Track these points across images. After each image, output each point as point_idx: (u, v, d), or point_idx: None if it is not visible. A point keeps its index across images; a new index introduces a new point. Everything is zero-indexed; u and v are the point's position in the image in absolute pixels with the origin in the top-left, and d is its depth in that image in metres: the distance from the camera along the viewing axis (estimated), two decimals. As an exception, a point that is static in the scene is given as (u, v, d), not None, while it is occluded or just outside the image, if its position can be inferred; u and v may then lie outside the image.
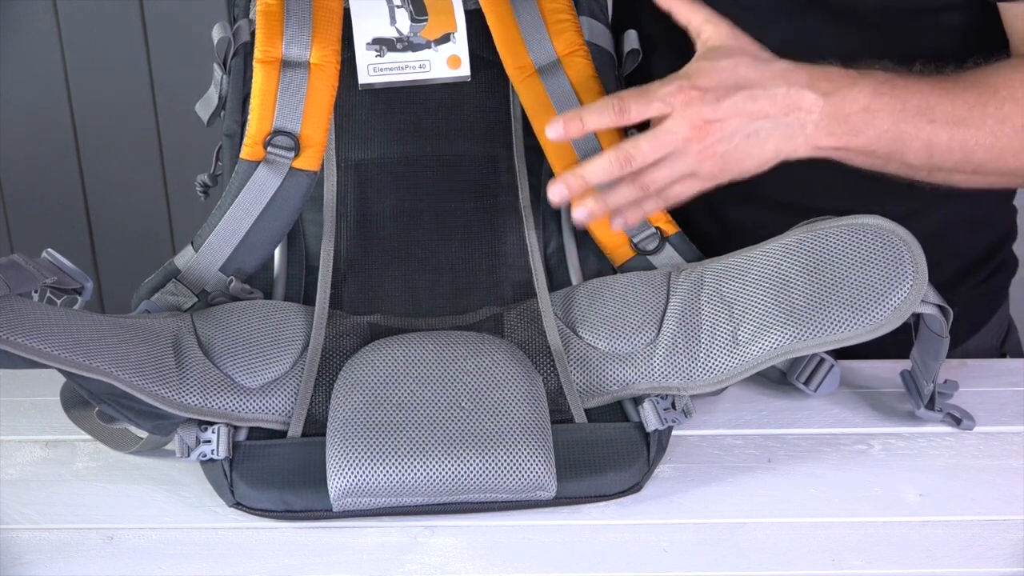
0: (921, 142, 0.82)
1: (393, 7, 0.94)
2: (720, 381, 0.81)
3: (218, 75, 0.94)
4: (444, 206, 0.95)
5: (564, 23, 0.94)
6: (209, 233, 0.89)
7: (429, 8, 0.94)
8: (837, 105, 0.80)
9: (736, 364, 0.80)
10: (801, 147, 0.81)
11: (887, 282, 0.77)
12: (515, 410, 0.78)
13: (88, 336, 0.76)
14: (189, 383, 0.79)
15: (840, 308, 0.78)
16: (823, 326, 0.78)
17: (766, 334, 0.79)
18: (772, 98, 0.80)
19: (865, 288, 0.78)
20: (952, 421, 0.85)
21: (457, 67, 0.95)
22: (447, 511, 0.77)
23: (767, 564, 0.73)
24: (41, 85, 1.96)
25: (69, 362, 0.73)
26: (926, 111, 0.81)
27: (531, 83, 0.93)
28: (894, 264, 0.78)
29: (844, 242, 0.80)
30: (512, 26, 0.94)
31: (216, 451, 0.78)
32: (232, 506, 0.78)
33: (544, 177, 0.94)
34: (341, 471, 0.75)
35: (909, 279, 0.77)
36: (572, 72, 0.93)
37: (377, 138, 0.95)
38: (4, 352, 0.71)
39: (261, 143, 0.89)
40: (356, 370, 0.82)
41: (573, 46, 0.93)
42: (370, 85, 0.95)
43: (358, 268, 0.93)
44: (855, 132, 0.81)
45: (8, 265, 0.78)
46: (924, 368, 0.83)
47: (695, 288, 0.85)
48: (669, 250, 0.91)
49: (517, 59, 0.94)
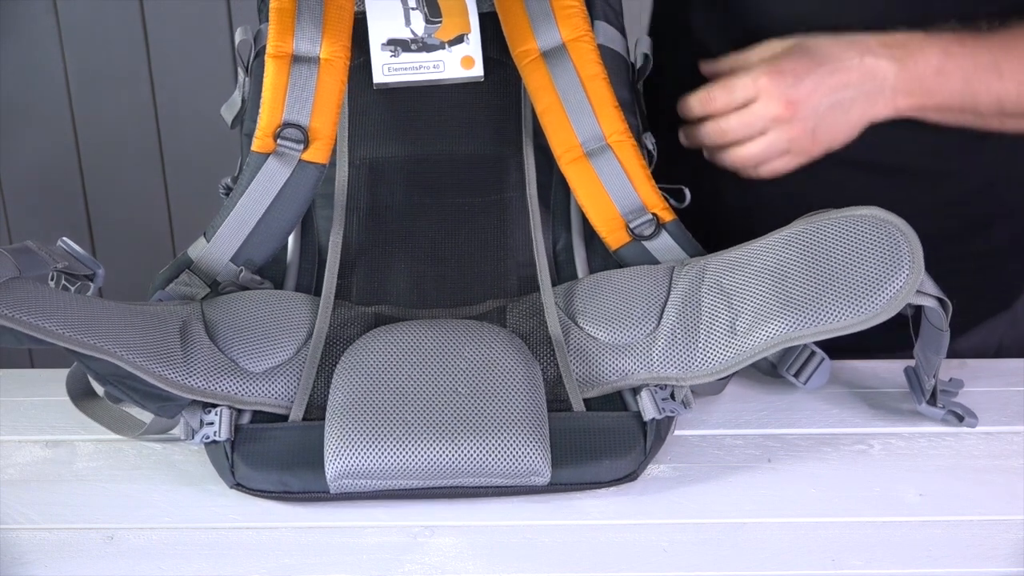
0: (992, 96, 0.86)
1: (408, 9, 0.96)
2: (718, 371, 0.81)
3: (241, 78, 0.97)
4: (452, 201, 0.96)
5: (571, 10, 0.95)
6: (220, 224, 0.91)
7: (443, 10, 0.96)
8: (911, 69, 0.85)
9: (733, 354, 0.80)
10: (882, 110, 0.86)
11: (883, 272, 0.77)
12: (512, 396, 0.79)
13: (94, 317, 0.77)
14: (194, 366, 0.81)
15: (836, 298, 0.78)
16: (819, 316, 0.78)
17: (763, 324, 0.79)
18: (848, 70, 0.85)
19: (861, 278, 0.78)
20: (954, 419, 0.85)
21: (471, 68, 0.96)
22: (442, 495, 0.78)
23: (767, 564, 0.73)
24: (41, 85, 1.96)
25: (73, 341, 0.75)
26: (994, 68, 0.86)
27: (535, 66, 0.94)
28: (890, 254, 0.78)
29: (842, 233, 0.80)
30: (521, 13, 0.95)
31: (218, 432, 0.80)
32: (232, 487, 0.79)
33: (555, 176, 0.95)
34: (338, 453, 0.76)
35: (905, 269, 0.77)
36: (577, 57, 0.93)
37: (390, 136, 0.97)
38: (10, 330, 0.73)
39: (271, 135, 0.91)
40: (357, 355, 0.83)
41: (579, 31, 0.94)
42: (384, 85, 0.96)
43: (365, 259, 0.95)
44: (930, 93, 0.85)
45: (21, 250, 0.80)
46: (926, 363, 0.83)
47: (696, 281, 0.86)
48: (665, 237, 0.91)
49: (523, 43, 0.95)
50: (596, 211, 0.92)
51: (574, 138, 0.92)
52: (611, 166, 0.91)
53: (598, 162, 0.92)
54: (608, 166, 0.91)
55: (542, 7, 0.94)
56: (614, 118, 0.92)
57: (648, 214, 0.91)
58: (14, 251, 0.79)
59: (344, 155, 0.95)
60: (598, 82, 0.93)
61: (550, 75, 0.93)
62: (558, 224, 0.96)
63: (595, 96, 0.92)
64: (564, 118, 0.92)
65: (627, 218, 0.91)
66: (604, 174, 0.91)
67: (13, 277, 0.76)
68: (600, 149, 0.92)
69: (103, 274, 0.86)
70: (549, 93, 0.93)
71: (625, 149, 0.92)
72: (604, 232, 0.92)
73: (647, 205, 0.91)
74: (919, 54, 0.85)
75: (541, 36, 0.94)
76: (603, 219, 0.92)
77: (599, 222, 0.92)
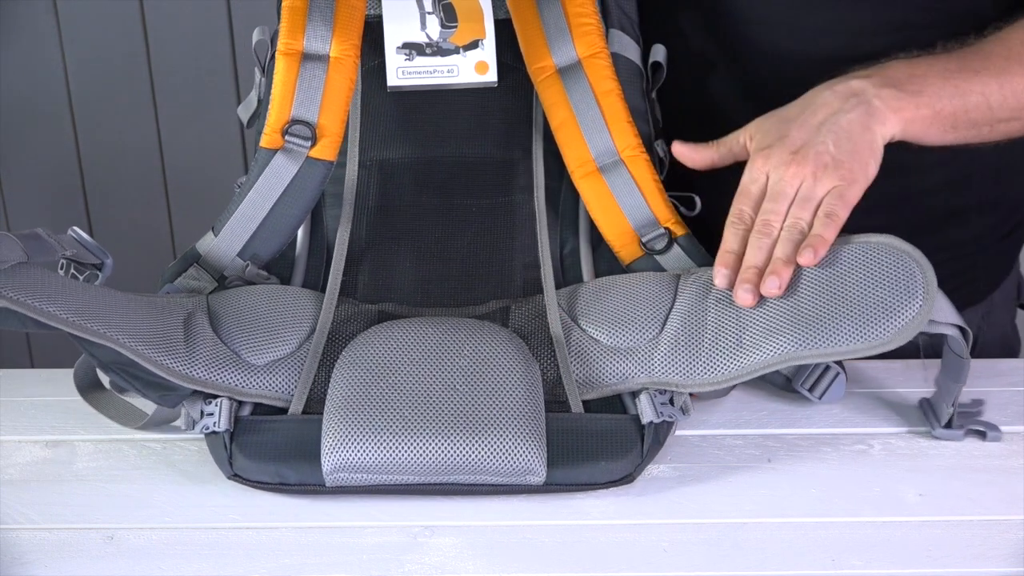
0: (976, 93, 0.85)
1: (424, 13, 0.97)
2: (720, 382, 0.81)
3: (258, 78, 0.98)
4: (460, 202, 0.97)
5: (587, 27, 0.95)
6: (228, 218, 0.92)
7: (459, 15, 0.97)
8: (885, 76, 0.84)
9: (738, 366, 0.80)
10: (889, 120, 0.83)
11: (897, 300, 0.77)
12: (509, 394, 0.79)
13: (99, 305, 0.78)
14: (196, 357, 0.81)
15: (848, 322, 0.77)
16: (829, 338, 0.77)
17: (771, 340, 0.79)
18: (825, 103, 0.84)
19: (873, 304, 0.77)
20: (977, 436, 0.85)
21: (484, 73, 0.97)
22: (438, 492, 0.78)
23: (767, 564, 0.73)
24: (41, 85, 1.96)
25: (76, 326, 0.76)
26: (967, 66, 0.85)
27: (551, 83, 0.95)
28: (905, 283, 0.78)
29: (857, 259, 0.80)
30: (536, 27, 0.96)
31: (218, 423, 0.80)
32: (230, 477, 0.80)
33: (565, 183, 0.95)
34: (334, 447, 0.77)
35: (919, 299, 0.77)
36: (592, 74, 0.94)
37: (401, 139, 0.98)
38: (14, 313, 0.74)
39: (279, 131, 0.92)
40: (357, 350, 0.84)
41: (595, 48, 0.95)
42: (398, 87, 0.97)
43: (371, 256, 0.96)
44: (916, 92, 0.84)
45: (30, 236, 0.81)
46: (946, 392, 0.83)
47: (703, 290, 0.86)
48: (677, 251, 0.91)
49: (539, 60, 0.95)
50: (609, 226, 0.93)
51: (587, 153, 0.93)
52: (624, 181, 0.92)
53: (611, 177, 0.92)
54: (621, 181, 0.92)
55: (558, 23, 0.95)
56: (627, 133, 0.93)
57: (661, 228, 0.92)
58: (23, 237, 0.80)
59: (355, 155, 0.96)
60: (612, 98, 0.93)
61: (565, 91, 0.94)
62: (566, 228, 0.96)
63: (609, 112, 0.93)
64: (578, 133, 0.93)
65: (640, 232, 0.92)
66: (617, 189, 0.92)
67: (20, 262, 0.77)
68: (613, 164, 0.92)
69: (112, 264, 0.87)
70: (564, 109, 0.94)
71: (638, 164, 0.92)
72: (617, 246, 0.93)
73: (660, 219, 0.92)
74: (886, 69, 0.85)
75: (557, 53, 0.95)
76: (616, 233, 0.92)
77: (612, 236, 0.93)
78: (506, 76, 0.97)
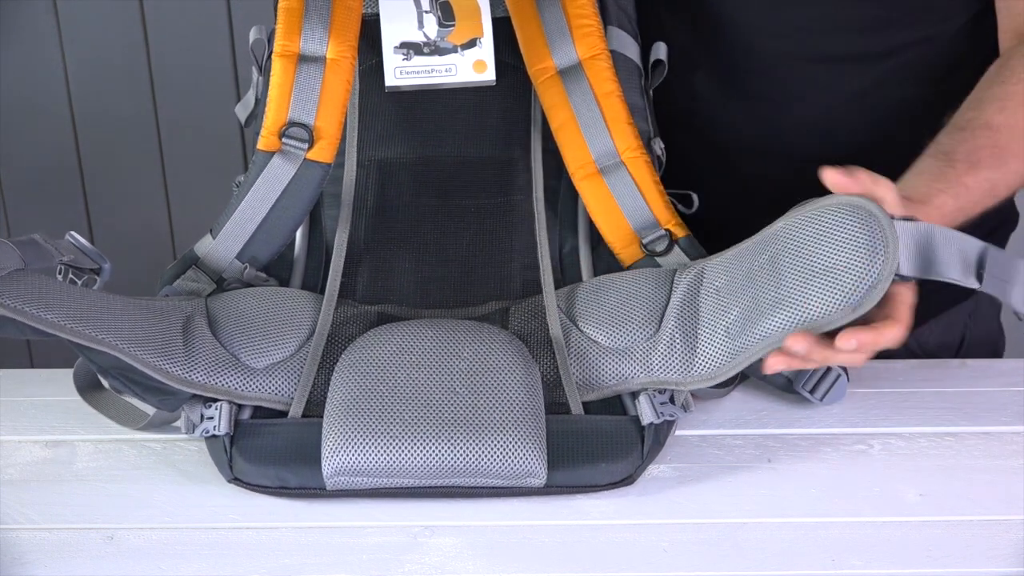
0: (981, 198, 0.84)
1: (421, 12, 0.96)
2: (715, 375, 0.80)
3: (255, 77, 0.97)
4: (459, 202, 0.97)
5: (587, 27, 0.95)
6: (226, 221, 0.92)
7: (457, 14, 0.96)
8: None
9: (728, 356, 0.79)
10: None
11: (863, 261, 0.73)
12: (509, 397, 0.79)
13: (97, 310, 0.78)
14: (195, 360, 0.81)
15: (821, 290, 0.74)
16: (807, 310, 0.74)
17: (757, 322, 0.78)
18: None
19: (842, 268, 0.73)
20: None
21: (483, 71, 0.96)
22: (438, 495, 0.78)
23: (767, 564, 0.73)
24: (41, 85, 1.96)
25: (74, 332, 0.75)
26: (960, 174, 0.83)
27: (551, 84, 0.94)
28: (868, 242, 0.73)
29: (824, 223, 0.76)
30: (537, 28, 0.95)
31: (218, 427, 0.80)
32: (230, 481, 0.79)
33: (563, 181, 0.95)
34: (335, 450, 0.77)
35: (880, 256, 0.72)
36: (593, 76, 0.94)
37: (400, 138, 0.98)
38: (12, 321, 0.74)
39: (276, 134, 0.92)
40: (357, 354, 0.83)
41: (595, 50, 0.94)
42: (396, 87, 0.96)
43: (370, 258, 0.95)
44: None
45: (27, 242, 0.80)
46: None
47: (695, 283, 0.85)
48: (678, 252, 0.91)
49: (539, 61, 0.95)
50: (610, 227, 0.92)
51: (588, 154, 0.92)
52: (625, 182, 0.92)
53: (612, 179, 0.92)
54: (622, 182, 0.92)
55: (558, 23, 0.95)
56: (628, 135, 0.92)
57: (661, 230, 0.91)
58: (20, 243, 0.79)
59: (352, 155, 0.96)
60: (613, 99, 0.93)
61: (566, 92, 0.94)
62: (565, 228, 0.96)
63: (610, 113, 0.93)
64: (578, 135, 0.93)
65: (641, 234, 0.92)
66: (617, 190, 0.92)
67: (17, 269, 0.76)
68: (614, 166, 0.92)
69: (110, 268, 0.87)
70: (564, 110, 0.93)
71: (638, 165, 0.92)
72: (618, 248, 0.93)
73: (660, 221, 0.92)
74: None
75: (557, 54, 0.94)
76: (617, 235, 0.92)
77: (613, 238, 0.93)
78: (504, 75, 0.97)
